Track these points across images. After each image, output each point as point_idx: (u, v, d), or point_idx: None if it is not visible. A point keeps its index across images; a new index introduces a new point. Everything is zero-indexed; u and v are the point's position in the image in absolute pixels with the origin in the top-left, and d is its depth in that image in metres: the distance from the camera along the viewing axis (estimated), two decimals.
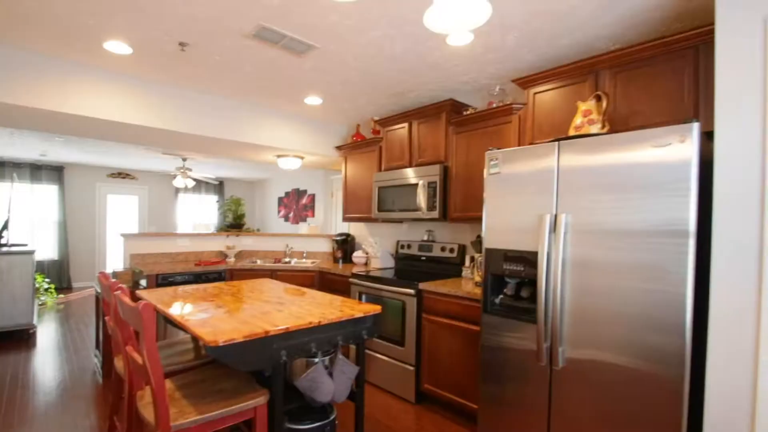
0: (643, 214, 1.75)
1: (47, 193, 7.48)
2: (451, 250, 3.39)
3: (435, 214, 3.12)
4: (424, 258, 3.62)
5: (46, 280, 6.70)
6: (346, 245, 4.33)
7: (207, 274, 3.80)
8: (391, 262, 3.90)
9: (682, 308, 1.64)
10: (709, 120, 1.91)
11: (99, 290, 3.46)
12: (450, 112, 3.16)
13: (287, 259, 4.40)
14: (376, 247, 3.82)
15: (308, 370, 1.79)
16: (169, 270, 3.58)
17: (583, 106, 2.23)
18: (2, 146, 6.05)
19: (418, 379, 2.95)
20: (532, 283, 2.17)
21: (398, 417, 2.78)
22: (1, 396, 3.01)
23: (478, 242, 3.08)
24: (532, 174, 2.12)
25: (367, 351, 3.28)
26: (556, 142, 2.05)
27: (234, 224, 4.94)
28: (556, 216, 2.01)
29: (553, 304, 1.98)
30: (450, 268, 3.40)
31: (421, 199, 3.20)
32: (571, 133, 2.23)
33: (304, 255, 4.60)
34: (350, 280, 3.47)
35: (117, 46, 2.65)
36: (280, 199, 8.87)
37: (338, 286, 3.70)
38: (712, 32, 1.94)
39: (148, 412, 1.50)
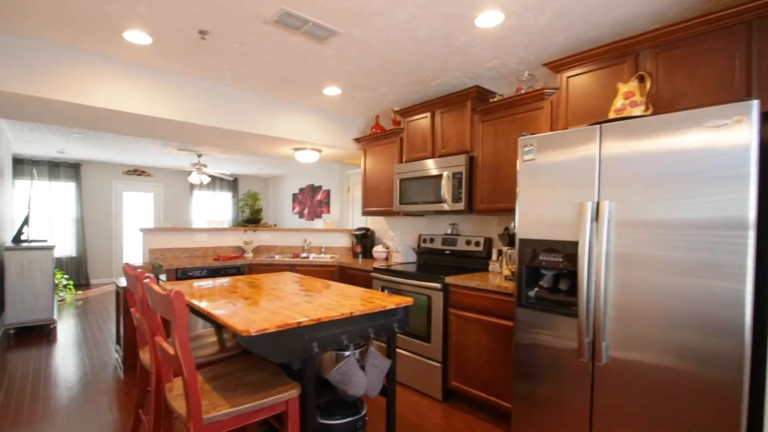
0: (695, 204, 1.62)
1: (65, 190, 7.56)
2: (477, 244, 3.28)
3: (460, 205, 3.02)
4: (448, 252, 3.52)
5: (65, 276, 6.77)
6: (365, 240, 4.25)
7: (226, 268, 3.76)
8: (413, 257, 3.81)
9: (740, 307, 1.52)
10: (765, 102, 1.78)
11: (120, 285, 3.44)
12: (475, 100, 3.06)
13: (305, 254, 4.34)
14: (397, 242, 3.74)
15: (339, 363, 1.71)
16: (189, 264, 3.55)
17: (624, 88, 2.11)
18: (21, 143, 6.11)
19: (445, 376, 2.86)
20: (571, 274, 2.06)
21: (426, 415, 2.69)
22: (25, 390, 3.00)
23: (506, 235, 2.98)
24: (571, 160, 2.01)
25: None
26: (598, 125, 1.94)
27: (251, 219, 4.90)
28: (598, 203, 1.89)
29: (596, 298, 1.87)
30: (476, 262, 3.30)
31: (446, 190, 3.10)
32: (611, 116, 2.11)
33: (323, 250, 4.53)
34: (372, 274, 3.39)
35: (137, 36, 2.61)
36: (294, 196, 8.84)
37: (359, 280, 3.63)
38: (767, 6, 1.81)
39: (178, 405, 1.44)
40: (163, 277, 3.44)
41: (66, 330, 4.60)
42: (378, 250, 4.02)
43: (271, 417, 1.75)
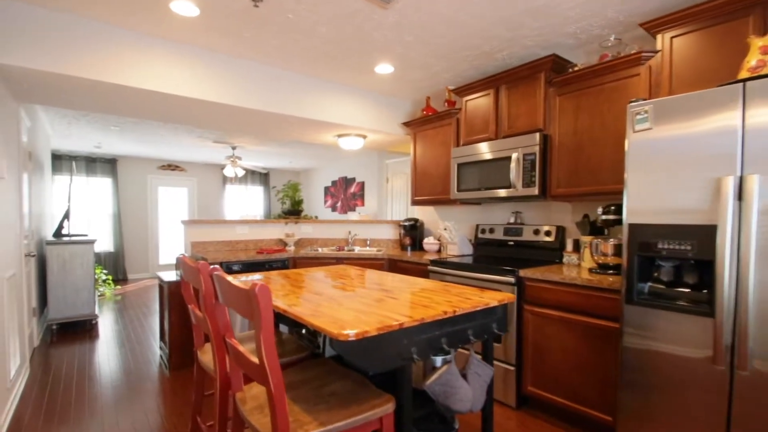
0: None
1: (102, 185, 7.58)
2: (548, 233, 2.95)
3: (533, 190, 2.70)
4: (511, 243, 3.20)
5: (104, 271, 6.77)
6: (414, 231, 3.97)
7: (270, 262, 3.56)
8: (469, 249, 3.51)
9: None
10: None
11: (164, 280, 3.28)
12: (549, 71, 2.72)
13: (349, 247, 4.10)
14: (452, 232, 3.44)
15: (434, 371, 1.44)
16: (232, 258, 3.36)
17: (759, 42, 1.74)
18: (60, 138, 6.10)
19: (520, 380, 2.56)
20: (701, 265, 1.72)
21: (500, 423, 2.41)
22: (70, 387, 2.88)
23: (586, 222, 2.64)
24: (703, 129, 1.66)
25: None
26: (740, 84, 1.59)
27: (292, 211, 4.69)
28: (741, 179, 1.55)
29: (741, 293, 1.53)
30: (546, 253, 2.97)
31: (515, 174, 2.78)
32: (744, 76, 1.76)
33: (368, 243, 4.28)
34: (429, 267, 3.11)
35: (184, 7, 2.39)
36: (327, 189, 8.64)
37: (412, 275, 3.35)
38: None
39: (257, 421, 1.20)
40: None
41: (107, 325, 4.53)
42: (429, 242, 3.73)
43: None
